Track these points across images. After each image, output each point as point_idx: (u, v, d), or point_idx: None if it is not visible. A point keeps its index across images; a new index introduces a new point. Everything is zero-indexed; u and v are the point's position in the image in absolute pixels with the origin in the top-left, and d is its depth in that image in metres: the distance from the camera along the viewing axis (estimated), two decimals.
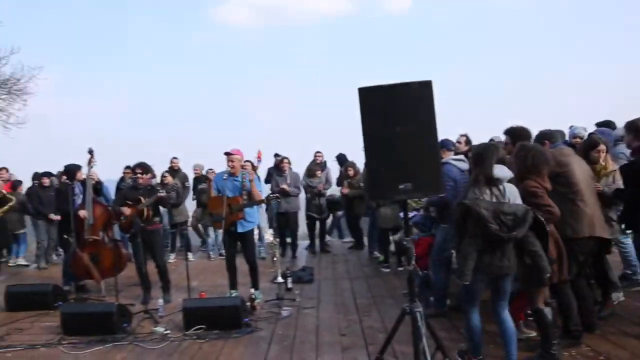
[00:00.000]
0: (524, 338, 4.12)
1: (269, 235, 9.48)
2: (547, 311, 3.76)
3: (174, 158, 9.68)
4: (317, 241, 9.58)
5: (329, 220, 10.35)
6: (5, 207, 7.49)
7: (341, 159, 9.65)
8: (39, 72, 10.81)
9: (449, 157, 5.11)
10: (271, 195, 6.61)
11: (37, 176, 9.08)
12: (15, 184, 9.35)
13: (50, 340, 4.96)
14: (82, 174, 7.09)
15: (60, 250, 9.09)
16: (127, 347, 4.73)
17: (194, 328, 4.98)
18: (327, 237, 10.09)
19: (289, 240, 9.36)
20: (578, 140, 5.57)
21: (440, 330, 4.13)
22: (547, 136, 4.75)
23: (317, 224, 9.46)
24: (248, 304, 5.58)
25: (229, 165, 6.00)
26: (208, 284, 6.96)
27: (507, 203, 3.38)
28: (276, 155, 9.33)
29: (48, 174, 8.90)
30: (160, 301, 5.83)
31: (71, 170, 7.12)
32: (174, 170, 9.50)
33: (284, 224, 8.97)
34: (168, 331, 5.04)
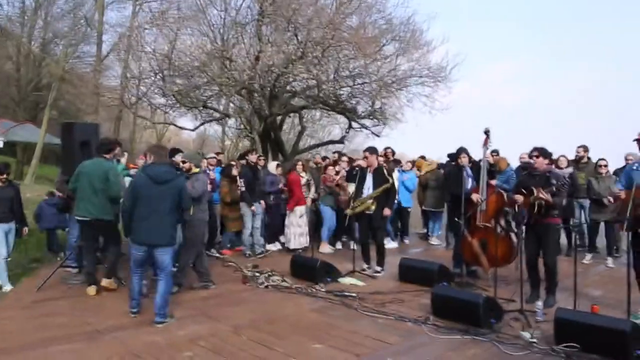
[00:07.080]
0: None
1: None
2: None
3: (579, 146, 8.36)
4: None
5: None
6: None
7: None
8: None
9: None
10: None
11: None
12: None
13: (419, 316, 5.07)
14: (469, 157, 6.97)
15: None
16: (484, 345, 4.36)
17: (565, 344, 4.12)
18: None
19: None
20: None
21: None
22: None
23: None
24: None
25: None
26: (616, 296, 5.64)
27: None
28: None
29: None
30: (539, 303, 5.14)
31: (453, 154, 7.09)
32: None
33: None
34: (534, 339, 4.36)
